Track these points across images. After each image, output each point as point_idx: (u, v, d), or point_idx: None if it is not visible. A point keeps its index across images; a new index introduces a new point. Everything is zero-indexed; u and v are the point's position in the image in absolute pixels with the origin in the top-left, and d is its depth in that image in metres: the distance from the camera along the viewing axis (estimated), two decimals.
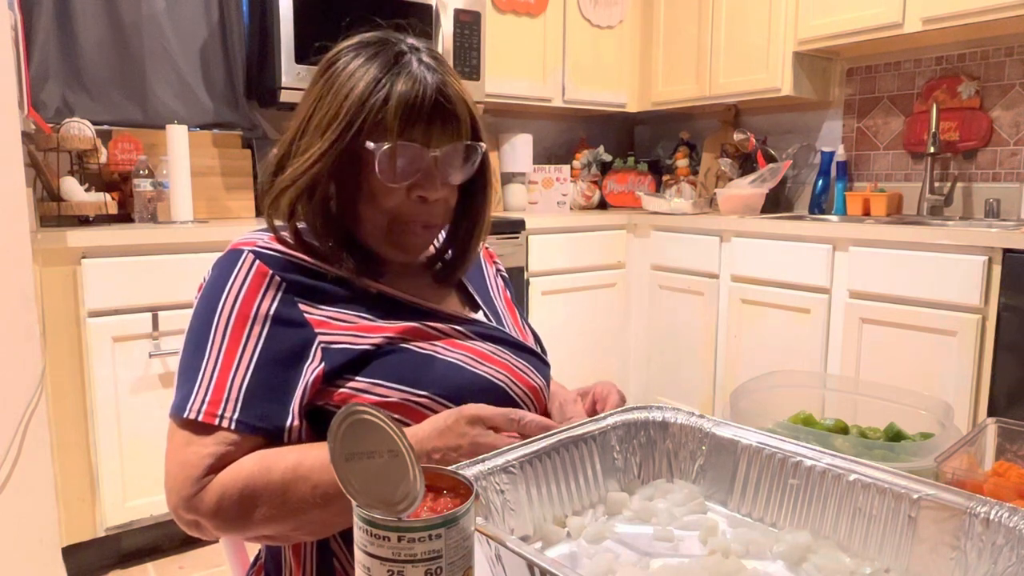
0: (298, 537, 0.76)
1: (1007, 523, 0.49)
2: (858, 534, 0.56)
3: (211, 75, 2.52)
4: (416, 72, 0.80)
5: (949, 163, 2.61)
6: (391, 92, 0.79)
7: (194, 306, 0.81)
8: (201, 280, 0.83)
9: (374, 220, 0.83)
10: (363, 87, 0.79)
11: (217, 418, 0.73)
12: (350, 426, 0.40)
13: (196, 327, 0.78)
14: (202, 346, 0.76)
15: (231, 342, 0.76)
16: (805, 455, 0.60)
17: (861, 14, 2.45)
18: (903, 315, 2.11)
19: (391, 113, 0.78)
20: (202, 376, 0.75)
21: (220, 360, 0.75)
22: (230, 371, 0.75)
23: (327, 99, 0.82)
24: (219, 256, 0.82)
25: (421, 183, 0.81)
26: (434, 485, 0.44)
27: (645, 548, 0.57)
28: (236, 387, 0.75)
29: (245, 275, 0.78)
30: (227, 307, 0.77)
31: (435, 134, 0.81)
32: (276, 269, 0.79)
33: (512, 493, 0.57)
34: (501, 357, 0.85)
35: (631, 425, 0.68)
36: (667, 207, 2.99)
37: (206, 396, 0.74)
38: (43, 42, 2.22)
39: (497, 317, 0.96)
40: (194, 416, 0.73)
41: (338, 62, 0.84)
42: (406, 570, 0.39)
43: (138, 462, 1.98)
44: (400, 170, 0.80)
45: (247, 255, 0.80)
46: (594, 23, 3.14)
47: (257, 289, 0.78)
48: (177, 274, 1.99)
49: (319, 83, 0.84)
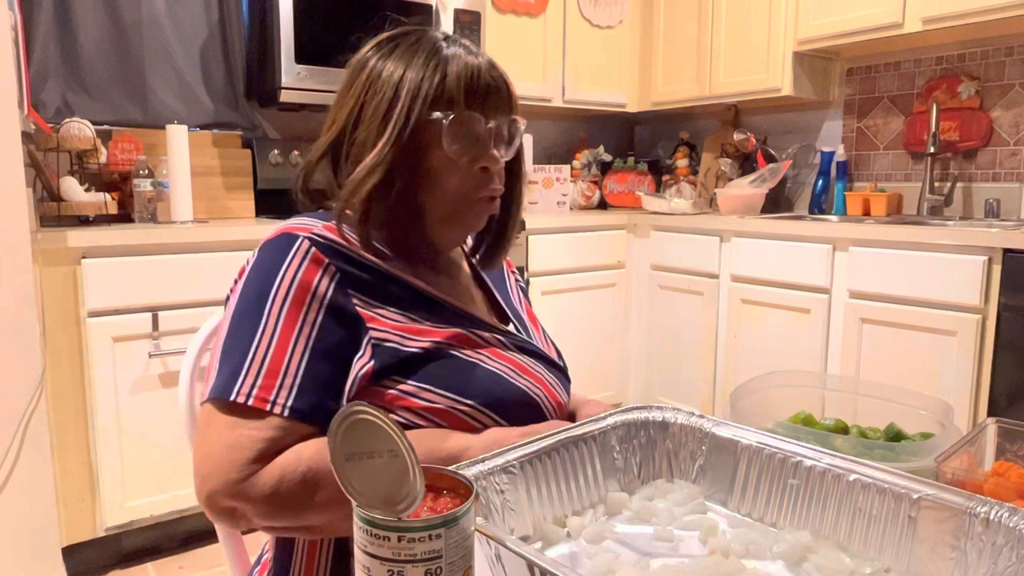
0: (346, 528, 0.74)
1: (1007, 523, 0.49)
2: (858, 534, 0.56)
3: (211, 75, 2.52)
4: (463, 54, 0.82)
5: (949, 163, 2.61)
6: (447, 68, 0.80)
7: (238, 288, 0.78)
8: (243, 264, 0.81)
9: (437, 205, 0.83)
10: (416, 69, 0.80)
11: (269, 404, 0.71)
12: (350, 426, 0.40)
13: (244, 307, 0.76)
14: (251, 327, 0.74)
15: (286, 325, 0.74)
16: (805, 455, 0.60)
17: (861, 14, 2.45)
18: (903, 315, 2.11)
19: (453, 84, 0.79)
20: (252, 358, 0.72)
21: (274, 342, 0.73)
22: (284, 355, 0.73)
23: (378, 85, 0.81)
24: (267, 240, 0.80)
25: (483, 155, 0.82)
26: (434, 485, 0.44)
27: (645, 548, 0.57)
28: (292, 372, 0.73)
29: (301, 259, 0.77)
30: (283, 288, 0.75)
31: (491, 108, 0.83)
32: (330, 258, 0.78)
33: (512, 493, 0.57)
34: (536, 371, 0.86)
35: (631, 425, 0.68)
36: (667, 207, 2.99)
37: (256, 380, 0.71)
38: (43, 42, 2.22)
39: (526, 329, 0.96)
40: (243, 400, 0.70)
41: (374, 57, 0.84)
42: (406, 570, 0.39)
43: (138, 462, 1.98)
44: (467, 140, 0.81)
45: (303, 240, 0.78)
46: (594, 23, 3.14)
47: (314, 274, 0.76)
48: (177, 274, 1.99)
49: (359, 77, 0.83)
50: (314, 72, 2.39)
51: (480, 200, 0.84)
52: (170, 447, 2.02)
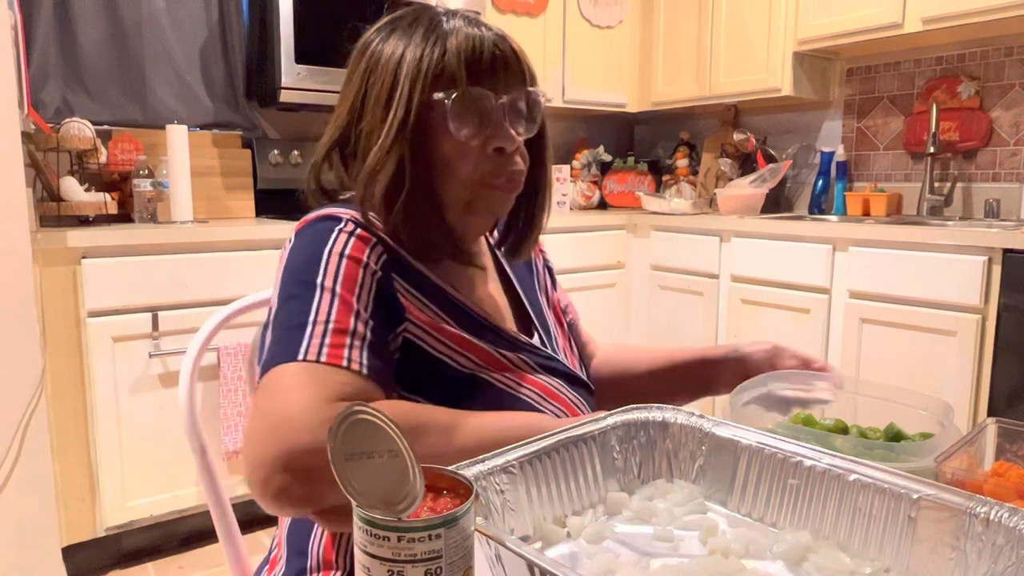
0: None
1: (1007, 523, 0.49)
2: (858, 534, 0.56)
3: (211, 75, 2.52)
4: (463, 26, 0.77)
5: (949, 163, 2.61)
6: (447, 43, 0.75)
7: (283, 267, 0.75)
8: (281, 254, 0.77)
9: (454, 193, 0.78)
10: (414, 48, 0.75)
11: (345, 360, 0.67)
12: (350, 426, 0.40)
13: (293, 281, 0.72)
14: (307, 296, 0.70)
15: (345, 289, 0.71)
16: (805, 455, 0.60)
17: (861, 14, 2.45)
18: (903, 315, 2.11)
19: (454, 60, 0.74)
20: (314, 321, 0.68)
21: (335, 305, 0.69)
22: (350, 315, 0.69)
23: (376, 73, 0.77)
24: (303, 224, 0.77)
25: (496, 134, 0.76)
26: (434, 485, 0.44)
27: (645, 548, 0.57)
28: (360, 332, 0.69)
29: (348, 236, 0.74)
30: (332, 261, 0.72)
31: (500, 81, 0.77)
32: (376, 238, 0.75)
33: (512, 493, 0.57)
34: (561, 392, 0.83)
35: (631, 425, 0.68)
36: (667, 207, 2.99)
37: (324, 338, 0.67)
38: (43, 42, 2.22)
39: (549, 335, 0.92)
40: (314, 358, 0.66)
41: (374, 41, 0.79)
42: (406, 570, 0.39)
43: (138, 462, 1.98)
44: (475, 121, 0.75)
45: (347, 221, 0.75)
46: (594, 23, 3.14)
47: (362, 251, 0.74)
48: (177, 274, 1.99)
49: (360, 65, 0.79)
50: (314, 72, 2.39)
51: (498, 186, 0.79)
52: (170, 447, 2.02)
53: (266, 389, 0.66)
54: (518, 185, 0.81)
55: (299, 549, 0.80)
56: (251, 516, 2.14)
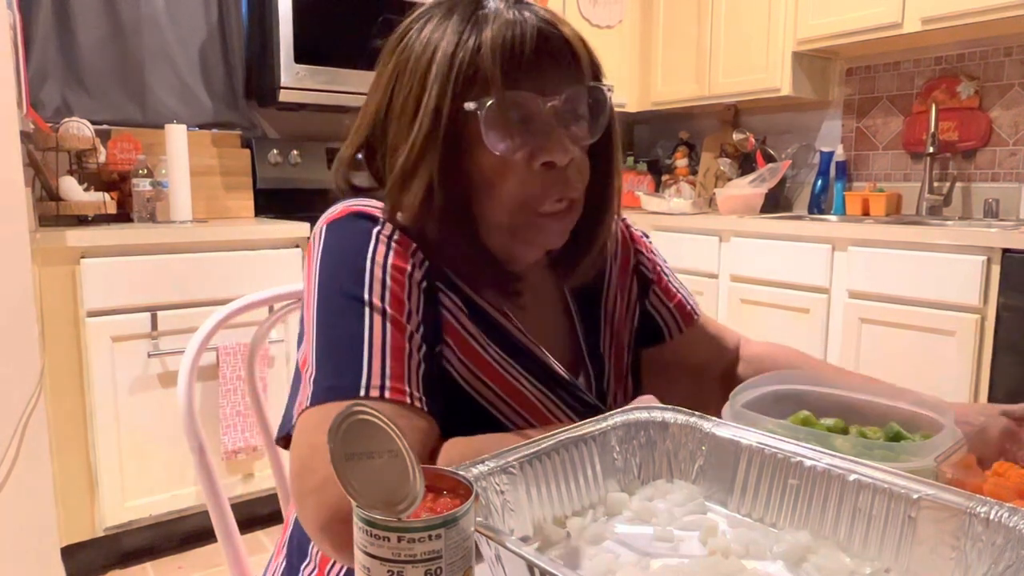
0: None
1: (1007, 523, 0.49)
2: (858, 534, 0.56)
3: (210, 75, 2.52)
4: (505, 12, 0.65)
5: (948, 163, 2.61)
6: (481, 39, 0.63)
7: (313, 276, 0.66)
8: (311, 244, 0.69)
9: (494, 216, 0.67)
10: (447, 41, 0.64)
11: (408, 396, 0.61)
12: (350, 426, 0.40)
13: (340, 291, 0.64)
14: (356, 311, 0.63)
15: (394, 306, 0.64)
16: (805, 455, 0.60)
17: (860, 14, 2.45)
18: (903, 315, 2.11)
19: (487, 59, 0.62)
20: (370, 349, 0.61)
21: (388, 329, 0.63)
22: (404, 339, 0.63)
23: (405, 77, 0.66)
24: (334, 219, 0.68)
25: (543, 145, 0.64)
26: (434, 485, 0.44)
27: (645, 548, 0.57)
28: (415, 359, 0.63)
29: (387, 242, 0.66)
30: (377, 272, 0.64)
31: (548, 78, 0.65)
32: (416, 244, 0.67)
33: (512, 493, 0.57)
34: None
35: (631, 425, 0.68)
36: (666, 207, 2.99)
37: (384, 370, 0.61)
38: (42, 42, 2.22)
39: (600, 372, 0.81)
40: (376, 394, 0.60)
41: (410, 31, 0.69)
42: (406, 570, 0.39)
43: (137, 462, 1.98)
44: (516, 131, 0.64)
45: (384, 223, 0.67)
46: (594, 23, 3.14)
47: (405, 259, 0.66)
48: (176, 274, 1.99)
49: (391, 62, 0.69)
50: (313, 72, 2.39)
51: (548, 214, 0.67)
52: (169, 447, 2.02)
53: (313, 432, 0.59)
54: (575, 212, 0.70)
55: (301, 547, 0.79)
56: (250, 516, 2.14)
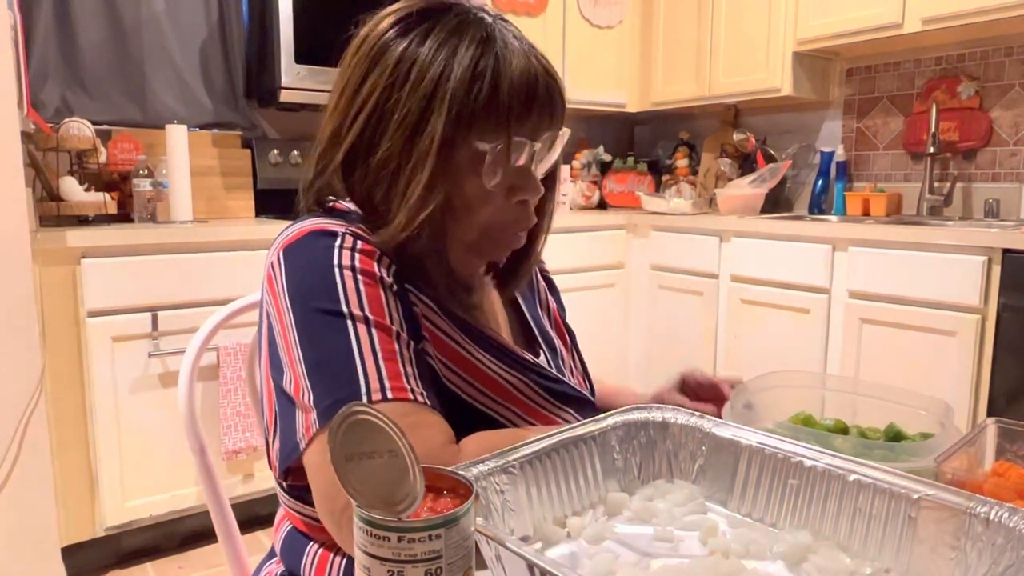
0: None
1: (1007, 523, 0.49)
2: (858, 534, 0.56)
3: (211, 75, 2.52)
4: (518, 50, 0.68)
5: (949, 163, 2.61)
6: (499, 78, 0.66)
7: (285, 296, 0.66)
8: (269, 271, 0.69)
9: (463, 234, 0.72)
10: (460, 72, 0.65)
11: (411, 392, 0.63)
12: (350, 426, 0.40)
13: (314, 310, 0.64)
14: (337, 326, 0.63)
15: (373, 310, 0.65)
16: (805, 455, 0.60)
17: (861, 14, 2.45)
18: (903, 315, 2.11)
19: (505, 104, 0.66)
20: (361, 357, 0.62)
21: (374, 333, 0.64)
22: (392, 340, 0.64)
23: (405, 90, 0.67)
24: (292, 241, 0.68)
25: (525, 185, 0.70)
26: (434, 485, 0.44)
27: (645, 548, 0.57)
28: (407, 357, 0.64)
29: (351, 250, 0.67)
30: (348, 279, 0.65)
31: (540, 125, 0.70)
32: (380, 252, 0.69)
33: (512, 493, 0.57)
34: (568, 422, 0.80)
35: (631, 425, 0.68)
36: (667, 207, 2.99)
37: (380, 372, 0.62)
38: (43, 42, 2.22)
39: (554, 352, 0.87)
40: (379, 397, 0.61)
41: (398, 40, 0.69)
42: (406, 570, 0.39)
43: (137, 462, 1.98)
44: (509, 172, 0.69)
45: (343, 235, 0.68)
46: (594, 23, 3.14)
47: (371, 264, 0.67)
48: (177, 274, 1.99)
49: (378, 67, 0.69)
50: (314, 72, 2.39)
51: (509, 235, 0.74)
52: (169, 447, 2.02)
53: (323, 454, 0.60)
54: (524, 236, 0.76)
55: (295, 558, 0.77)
56: (250, 516, 2.14)
